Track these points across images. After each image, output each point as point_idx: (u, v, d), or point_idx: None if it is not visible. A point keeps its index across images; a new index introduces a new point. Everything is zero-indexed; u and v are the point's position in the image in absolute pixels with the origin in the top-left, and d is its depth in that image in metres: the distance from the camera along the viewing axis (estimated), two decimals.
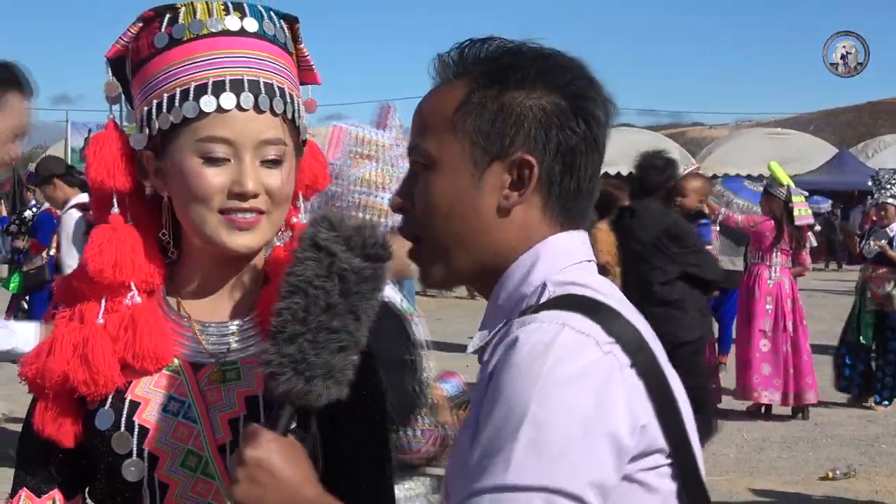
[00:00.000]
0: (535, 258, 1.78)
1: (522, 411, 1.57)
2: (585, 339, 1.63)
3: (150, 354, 2.06)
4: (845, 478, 8.97)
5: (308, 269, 1.76)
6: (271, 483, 1.71)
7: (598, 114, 1.80)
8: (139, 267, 2.10)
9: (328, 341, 1.75)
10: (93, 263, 2.07)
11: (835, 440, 10.40)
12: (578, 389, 1.58)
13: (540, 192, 1.78)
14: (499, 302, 1.80)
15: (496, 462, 1.56)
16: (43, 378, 2.06)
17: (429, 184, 1.80)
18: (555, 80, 1.78)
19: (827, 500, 8.42)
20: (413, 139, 1.85)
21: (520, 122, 1.76)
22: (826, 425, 11.05)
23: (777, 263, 11.44)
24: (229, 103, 2.01)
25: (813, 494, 8.51)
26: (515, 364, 1.60)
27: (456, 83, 1.82)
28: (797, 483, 8.81)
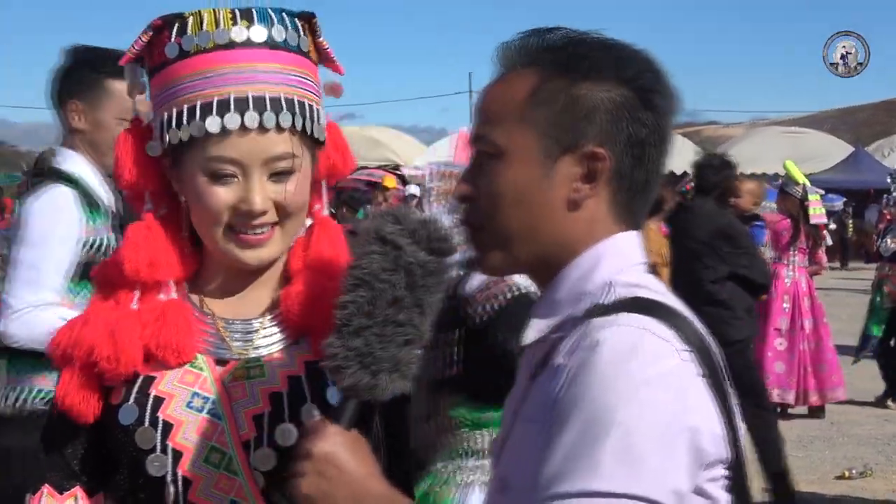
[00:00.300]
0: (598, 256, 1.77)
1: (609, 417, 1.55)
2: (666, 346, 1.63)
3: (172, 346, 2.06)
4: (861, 477, 8.95)
5: (374, 262, 1.75)
6: (339, 477, 1.70)
7: (665, 106, 1.80)
8: (173, 266, 2.12)
9: (395, 335, 1.74)
10: (129, 263, 2.09)
11: (851, 439, 10.37)
12: (663, 396, 1.58)
13: (609, 185, 1.77)
14: (557, 295, 1.78)
15: (582, 467, 1.55)
16: (73, 347, 2.07)
17: (496, 174, 1.78)
18: (625, 71, 1.77)
19: (843, 500, 8.40)
20: (478, 128, 1.83)
21: (592, 114, 1.75)
22: (842, 424, 11.01)
23: (794, 262, 11.41)
24: (234, 124, 2.01)
25: (829, 494, 8.48)
26: (598, 367, 1.59)
27: (523, 72, 1.80)
28: (813, 482, 8.78)
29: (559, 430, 1.59)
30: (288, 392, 2.08)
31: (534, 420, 1.69)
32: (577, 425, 1.57)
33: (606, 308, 1.68)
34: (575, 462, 1.55)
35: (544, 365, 1.73)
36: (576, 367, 1.61)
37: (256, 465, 2.05)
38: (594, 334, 1.63)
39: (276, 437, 2.05)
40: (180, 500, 2.05)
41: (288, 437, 2.05)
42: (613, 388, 1.56)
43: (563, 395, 1.61)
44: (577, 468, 1.55)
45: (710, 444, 1.62)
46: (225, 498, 2.05)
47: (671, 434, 1.57)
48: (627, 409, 1.55)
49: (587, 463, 1.54)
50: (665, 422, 1.57)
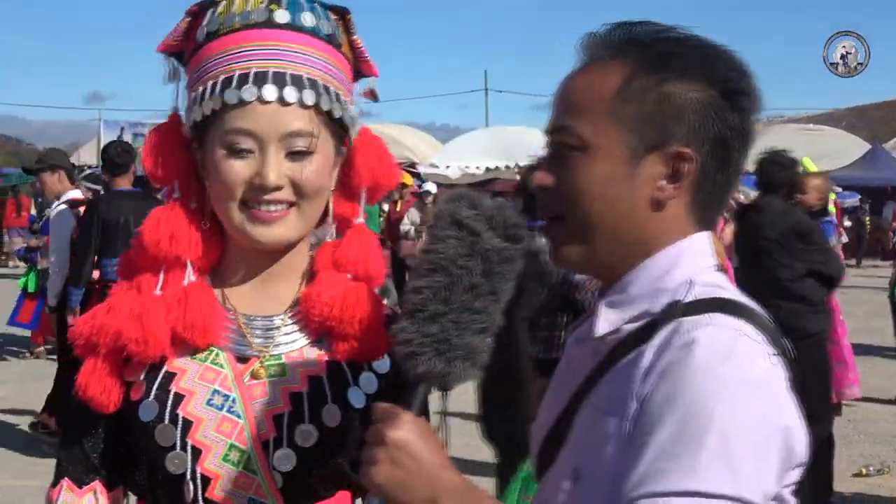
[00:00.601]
0: (678, 254, 1.77)
1: (707, 417, 1.55)
2: (759, 349, 1.64)
3: (198, 326, 2.07)
4: (879, 474, 8.92)
5: (450, 247, 1.73)
6: (413, 466, 1.67)
7: (750, 108, 1.79)
8: (195, 244, 2.13)
9: (470, 322, 1.72)
10: (149, 234, 2.11)
11: (868, 437, 10.33)
12: (760, 399, 1.59)
13: (692, 186, 1.77)
14: (633, 290, 1.78)
15: (680, 466, 1.54)
16: (98, 334, 2.07)
17: (580, 166, 1.77)
18: (715, 72, 1.76)
19: (860, 497, 8.37)
20: (560, 118, 1.81)
21: (681, 114, 1.75)
22: (859, 422, 10.97)
23: None
24: (251, 95, 2.03)
25: (846, 491, 8.45)
26: (695, 367, 1.59)
27: (611, 65, 1.79)
28: None
29: (652, 428, 1.58)
30: (308, 392, 2.09)
31: (610, 412, 1.68)
32: (672, 424, 1.57)
33: (694, 307, 1.69)
34: (672, 461, 1.55)
35: (617, 356, 1.73)
36: (668, 365, 1.61)
37: (276, 466, 2.05)
38: (688, 333, 1.63)
39: (295, 438, 2.06)
40: (199, 498, 2.05)
41: (308, 438, 2.06)
42: (712, 389, 1.56)
43: (653, 393, 1.61)
44: (674, 468, 1.54)
45: (800, 447, 1.63)
46: (243, 496, 2.05)
47: (767, 437, 1.58)
48: (726, 411, 1.55)
49: (686, 463, 1.54)
50: (762, 425, 1.58)
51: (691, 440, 1.55)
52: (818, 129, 32.45)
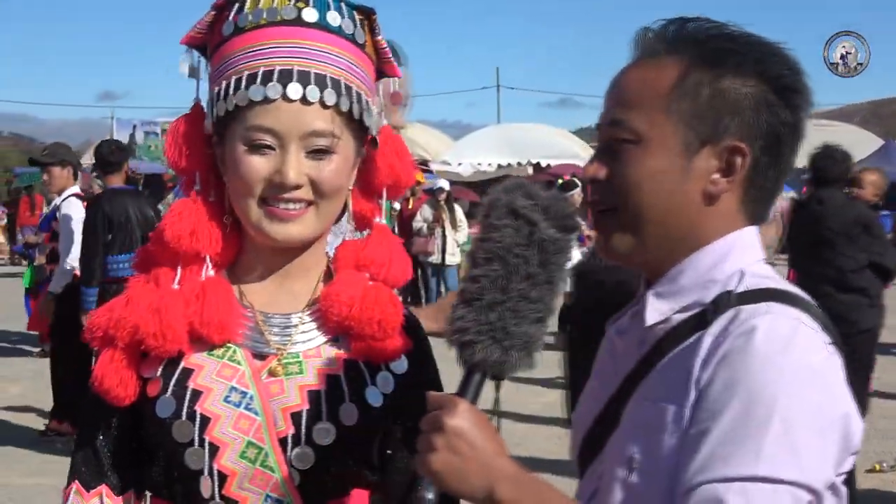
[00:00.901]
0: (729, 247, 1.81)
1: (770, 403, 1.59)
2: (817, 337, 1.68)
3: (216, 322, 2.08)
4: (892, 470, 8.90)
5: (507, 236, 1.74)
6: (471, 454, 1.67)
7: (802, 105, 1.82)
8: (215, 240, 2.13)
9: (528, 311, 1.73)
10: (171, 230, 2.11)
11: (879, 433, 10.29)
12: (821, 387, 1.63)
13: (744, 181, 1.81)
14: (682, 281, 1.82)
15: (743, 452, 1.57)
16: (115, 327, 2.08)
17: (634, 160, 1.80)
18: (769, 69, 1.80)
19: (874, 494, 8.35)
20: (614, 111, 1.84)
21: (735, 109, 1.78)
22: (873, 418, 10.92)
23: None
24: (275, 93, 2.03)
25: (860, 487, 8.42)
26: (757, 354, 1.62)
27: (666, 60, 1.82)
28: None
29: (714, 415, 1.62)
30: (326, 390, 2.09)
31: (667, 400, 1.71)
32: (735, 411, 1.60)
33: (747, 296, 1.72)
34: (735, 447, 1.58)
35: (669, 345, 1.77)
36: (729, 353, 1.64)
37: (294, 464, 2.06)
38: (748, 321, 1.66)
39: (313, 436, 2.06)
40: (216, 494, 2.06)
41: (325, 436, 2.06)
42: (773, 377, 1.60)
43: (713, 380, 1.64)
44: (737, 453, 1.58)
45: (856, 436, 1.66)
46: (260, 493, 2.06)
47: (828, 425, 1.62)
48: (788, 398, 1.59)
49: (749, 448, 1.57)
50: (823, 413, 1.61)
51: (754, 426, 1.58)
52: (831, 124, 32.29)
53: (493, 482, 1.66)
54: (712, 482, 1.58)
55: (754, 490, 1.56)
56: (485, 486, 1.66)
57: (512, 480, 1.67)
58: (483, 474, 1.66)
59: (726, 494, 1.56)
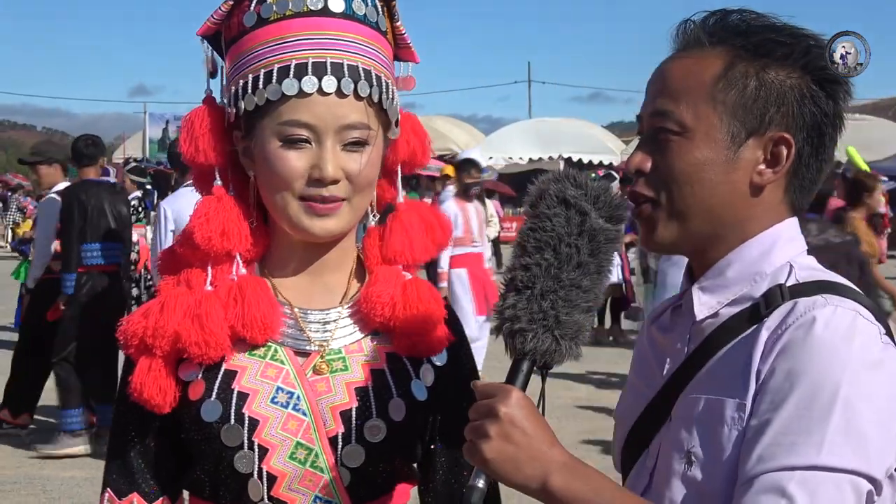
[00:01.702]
0: (775, 238, 1.82)
1: (833, 393, 1.59)
2: (874, 328, 1.69)
3: (258, 323, 2.05)
4: None
5: (558, 225, 1.74)
6: (525, 442, 1.66)
7: (843, 97, 1.84)
8: (245, 237, 2.10)
9: (579, 300, 1.73)
10: (200, 232, 2.07)
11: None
12: (884, 377, 1.64)
13: (788, 172, 1.81)
14: (729, 273, 1.82)
15: (807, 442, 1.58)
16: (153, 336, 2.03)
17: (680, 151, 1.80)
18: (813, 60, 1.81)
19: None
20: (659, 103, 1.84)
21: (780, 100, 1.79)
22: None
23: None
24: (311, 87, 2.00)
25: None
26: (819, 345, 1.63)
27: (711, 52, 1.83)
28: None
29: (776, 405, 1.62)
30: (373, 386, 2.07)
31: (724, 393, 1.71)
32: (797, 401, 1.61)
33: (800, 289, 1.73)
34: (798, 436, 1.59)
35: (722, 340, 1.77)
36: (789, 344, 1.65)
37: (345, 462, 2.04)
38: (808, 313, 1.67)
39: (364, 434, 2.05)
40: (264, 496, 2.04)
41: (377, 433, 2.05)
42: (836, 367, 1.61)
43: (774, 371, 1.65)
44: (800, 442, 1.59)
45: None
46: (309, 494, 2.05)
47: (890, 414, 1.62)
48: (851, 388, 1.59)
49: (812, 438, 1.58)
50: (886, 403, 1.62)
51: (817, 416, 1.59)
52: (863, 118, 32.10)
53: (546, 471, 1.65)
54: (774, 471, 1.59)
55: (816, 479, 1.57)
56: (539, 476, 1.65)
57: (566, 469, 1.66)
58: (537, 463, 1.66)
59: (788, 483, 1.57)
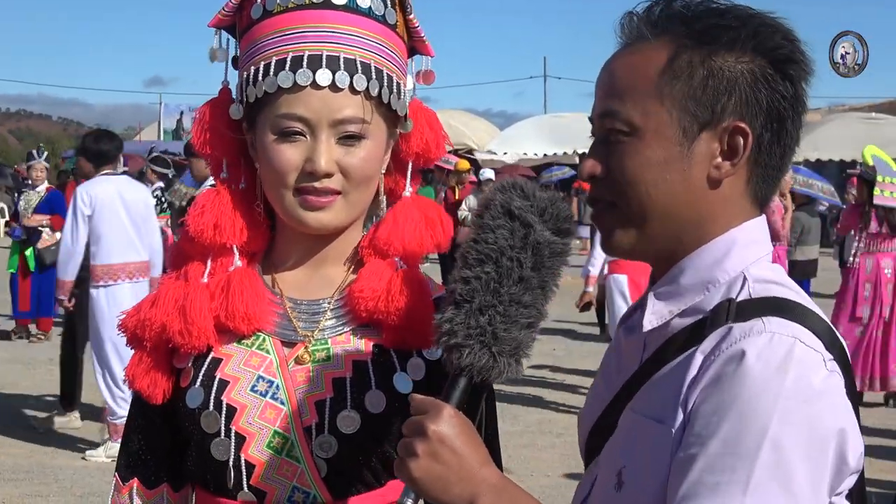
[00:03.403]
0: (731, 243, 1.70)
1: (761, 430, 1.50)
2: (816, 356, 1.56)
3: (241, 314, 2.07)
4: None
5: (501, 238, 1.69)
6: (454, 461, 1.62)
7: (802, 76, 1.72)
8: (241, 230, 2.11)
9: (519, 316, 1.68)
10: (193, 224, 2.10)
11: None
12: (816, 411, 1.52)
13: (748, 162, 1.70)
14: (683, 280, 1.71)
15: (732, 481, 1.49)
16: (143, 328, 2.08)
17: (631, 152, 1.69)
18: (763, 41, 1.69)
19: None
20: (606, 103, 1.73)
21: (731, 88, 1.67)
22: None
23: (876, 249, 11.25)
24: (305, 80, 2.01)
25: None
26: (749, 377, 1.52)
27: (655, 45, 1.71)
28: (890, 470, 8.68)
29: (702, 440, 1.53)
30: (352, 377, 2.07)
31: (659, 419, 1.62)
32: (724, 437, 1.51)
33: (747, 307, 1.61)
34: (723, 475, 1.50)
35: (667, 356, 1.68)
36: (719, 375, 1.55)
37: (318, 453, 2.04)
38: (741, 341, 1.56)
39: (337, 424, 2.04)
40: (243, 484, 2.05)
41: (349, 424, 2.04)
42: (766, 401, 1.50)
43: (703, 403, 1.55)
44: (725, 482, 1.50)
45: (853, 456, 1.56)
46: (287, 483, 2.05)
47: (822, 449, 1.52)
48: (781, 424, 1.50)
49: (738, 477, 1.49)
50: (817, 437, 1.52)
51: (744, 454, 1.49)
52: (880, 117, 31.96)
53: (475, 492, 1.62)
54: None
55: None
56: (466, 496, 1.62)
57: (495, 490, 1.62)
58: (465, 483, 1.62)
59: None
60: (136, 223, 9.08)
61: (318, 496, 2.06)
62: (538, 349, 4.56)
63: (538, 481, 8.19)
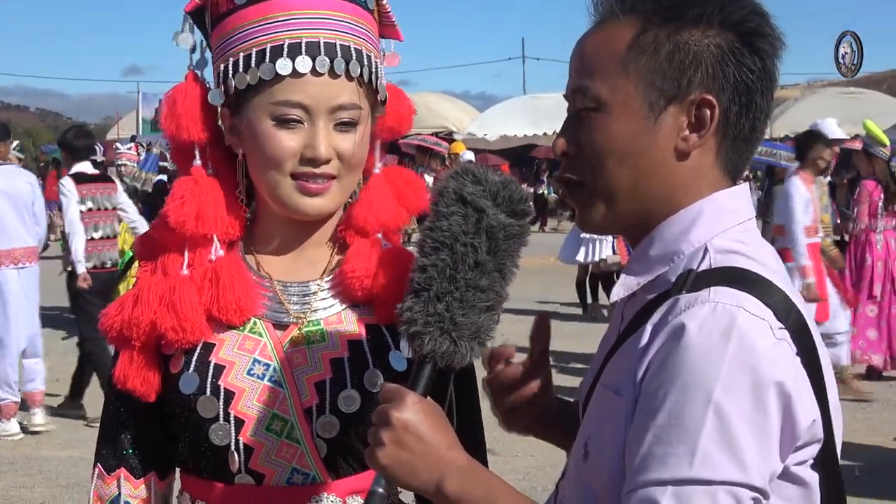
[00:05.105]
0: (697, 214, 1.71)
1: (704, 399, 1.50)
2: (761, 324, 1.56)
3: (233, 307, 2.07)
4: None
5: (454, 224, 1.70)
6: (420, 448, 1.64)
7: (771, 50, 1.73)
8: (221, 219, 2.11)
9: (476, 300, 1.70)
10: (174, 215, 2.08)
11: None
12: (760, 378, 1.52)
13: (716, 134, 1.71)
14: (650, 252, 1.73)
15: (678, 453, 1.50)
16: (130, 328, 2.06)
17: (599, 128, 1.72)
18: (730, 15, 1.70)
19: None
20: (576, 80, 1.76)
21: (697, 61, 1.69)
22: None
23: (884, 226, 11.14)
24: (305, 67, 2.01)
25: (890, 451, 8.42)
26: (692, 348, 1.53)
27: (624, 21, 1.73)
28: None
29: (650, 413, 1.54)
30: (349, 357, 2.07)
31: (616, 391, 1.65)
32: (669, 409, 1.52)
33: (703, 279, 1.61)
34: (669, 447, 1.51)
35: (632, 329, 1.68)
36: (664, 346, 1.56)
37: (319, 433, 2.05)
38: (683, 314, 1.56)
39: (339, 404, 2.05)
40: (242, 468, 2.06)
41: (351, 404, 2.05)
42: (710, 369, 1.51)
43: (650, 375, 1.56)
44: (672, 453, 1.51)
45: (805, 425, 1.56)
46: (287, 465, 2.05)
47: (768, 418, 1.52)
48: (725, 394, 1.50)
49: (684, 449, 1.50)
50: (762, 406, 1.51)
51: (689, 425, 1.50)
52: (859, 92, 32.04)
53: (442, 475, 1.63)
54: (648, 485, 1.51)
55: (690, 493, 1.49)
56: (433, 480, 1.64)
57: (461, 473, 1.64)
58: (432, 467, 1.64)
59: (661, 498, 1.50)
60: (20, 210, 9.39)
61: (318, 477, 2.07)
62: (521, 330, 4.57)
63: (524, 462, 8.20)
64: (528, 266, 15.65)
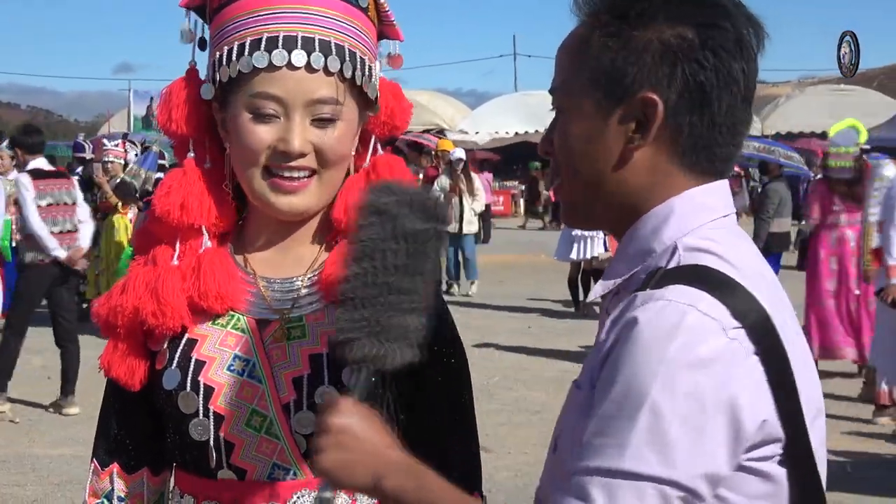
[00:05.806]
0: (668, 211, 1.69)
1: (642, 395, 1.50)
2: (712, 324, 1.54)
3: (213, 293, 2.08)
4: None
5: (373, 233, 1.75)
6: (358, 447, 1.67)
7: (730, 44, 1.66)
8: (208, 210, 2.12)
9: (400, 303, 1.74)
10: (160, 204, 2.11)
11: None
12: (702, 378, 1.51)
13: (667, 133, 1.66)
14: (628, 251, 1.72)
15: (610, 444, 1.51)
16: (115, 315, 2.09)
17: (560, 129, 1.75)
18: (679, 10, 1.66)
19: None
20: (552, 84, 1.79)
21: (641, 60, 1.65)
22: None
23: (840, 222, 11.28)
24: (280, 60, 2.02)
25: None
26: (637, 343, 1.53)
27: (582, 22, 1.74)
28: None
29: (597, 403, 1.56)
30: (329, 353, 2.07)
31: (579, 385, 1.68)
32: (610, 401, 1.53)
33: (667, 277, 1.60)
34: (604, 437, 1.53)
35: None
36: (616, 342, 1.57)
37: (297, 429, 2.05)
38: (637, 310, 1.56)
39: (315, 400, 2.05)
40: (223, 463, 2.07)
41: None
42: (650, 368, 1.51)
43: (603, 369, 1.58)
44: (606, 444, 1.52)
45: (752, 426, 1.55)
46: (268, 461, 2.06)
47: (707, 417, 1.51)
48: (662, 391, 1.50)
49: (616, 440, 1.51)
50: (701, 405, 1.50)
51: (624, 418, 1.51)
52: (849, 88, 32.14)
53: (381, 472, 1.66)
54: (583, 472, 1.53)
55: (618, 485, 1.50)
56: (373, 476, 1.67)
57: (400, 470, 1.67)
58: (371, 465, 1.67)
59: (591, 486, 1.52)
60: None
61: (299, 473, 2.07)
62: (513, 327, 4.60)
63: (516, 459, 8.22)
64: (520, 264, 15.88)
